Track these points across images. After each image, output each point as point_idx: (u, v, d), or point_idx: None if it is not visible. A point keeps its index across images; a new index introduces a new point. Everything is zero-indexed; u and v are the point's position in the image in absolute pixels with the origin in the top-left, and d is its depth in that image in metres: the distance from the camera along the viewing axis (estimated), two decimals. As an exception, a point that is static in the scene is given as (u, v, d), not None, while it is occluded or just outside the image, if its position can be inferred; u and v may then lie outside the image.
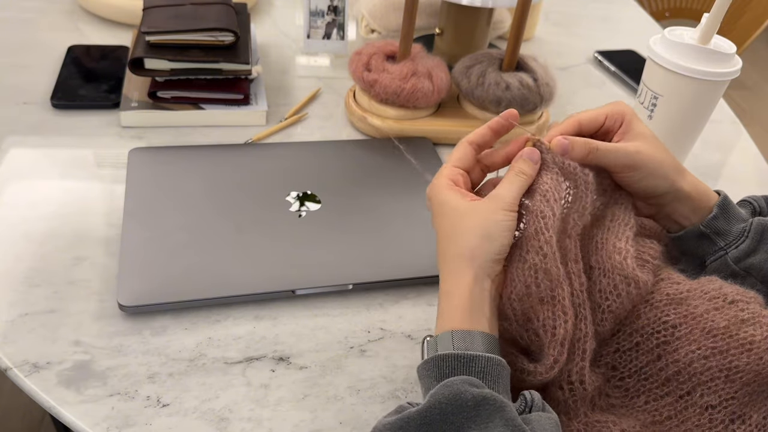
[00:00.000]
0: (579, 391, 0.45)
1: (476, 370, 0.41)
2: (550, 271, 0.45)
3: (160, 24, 0.79)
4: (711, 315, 0.46)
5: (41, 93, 0.83)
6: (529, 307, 0.46)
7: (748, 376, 0.44)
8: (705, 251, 0.53)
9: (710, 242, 0.52)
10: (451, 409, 0.39)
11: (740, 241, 0.51)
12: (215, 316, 0.58)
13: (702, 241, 0.52)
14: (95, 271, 0.60)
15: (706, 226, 0.52)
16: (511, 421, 0.38)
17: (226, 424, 0.50)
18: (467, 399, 0.39)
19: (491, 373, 0.42)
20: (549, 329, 0.45)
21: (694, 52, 0.69)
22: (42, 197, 0.68)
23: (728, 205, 0.52)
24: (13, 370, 0.51)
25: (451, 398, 0.39)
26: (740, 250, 0.51)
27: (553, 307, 0.45)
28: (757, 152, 0.92)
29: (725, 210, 0.52)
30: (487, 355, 0.42)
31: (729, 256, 0.51)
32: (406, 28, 0.79)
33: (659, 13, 1.76)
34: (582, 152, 0.49)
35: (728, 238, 0.51)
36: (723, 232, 0.52)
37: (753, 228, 0.51)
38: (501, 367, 0.43)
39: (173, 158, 0.73)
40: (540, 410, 0.41)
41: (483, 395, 0.39)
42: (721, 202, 0.52)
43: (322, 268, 0.62)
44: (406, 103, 0.81)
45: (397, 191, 0.72)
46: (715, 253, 0.52)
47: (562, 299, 0.45)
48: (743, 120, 1.02)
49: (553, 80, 0.82)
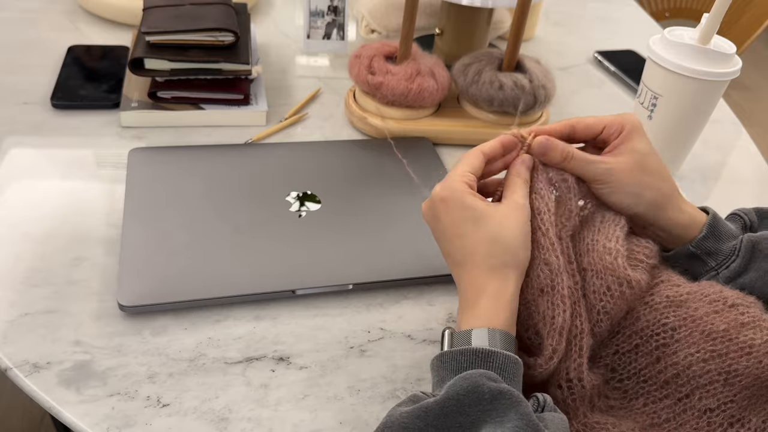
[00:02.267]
0: (578, 389, 0.46)
1: (495, 366, 0.42)
2: (549, 261, 0.46)
3: (160, 24, 0.79)
4: (711, 318, 0.46)
5: (41, 93, 0.83)
6: (531, 300, 0.47)
7: (748, 379, 0.44)
8: (696, 271, 0.52)
9: (701, 262, 0.52)
10: (468, 401, 0.39)
11: (731, 260, 0.51)
12: (215, 316, 0.58)
13: (692, 261, 0.52)
14: (95, 271, 0.60)
15: (695, 247, 0.52)
16: (526, 416, 0.38)
17: (226, 424, 0.50)
18: (484, 392, 0.39)
19: (508, 370, 0.42)
20: (548, 319, 0.46)
21: (694, 52, 0.69)
22: (42, 197, 0.68)
23: (718, 223, 0.52)
24: (13, 370, 0.51)
25: (469, 390, 0.39)
26: (731, 270, 0.51)
27: (552, 297, 0.46)
28: (757, 152, 0.92)
29: (715, 228, 0.52)
30: (505, 353, 0.43)
31: (720, 276, 0.51)
32: (406, 28, 0.79)
33: (659, 13, 1.76)
34: (558, 157, 0.51)
35: (719, 258, 0.51)
36: (713, 251, 0.51)
37: (743, 246, 0.51)
38: (517, 366, 0.43)
39: (173, 158, 0.73)
40: (552, 411, 0.42)
41: (500, 389, 0.39)
42: (710, 220, 0.52)
43: (322, 268, 0.62)
44: (413, 104, 0.81)
45: (397, 191, 0.72)
46: (707, 273, 0.52)
47: (561, 289, 0.46)
48: (743, 120, 1.02)
49: (551, 82, 0.82)
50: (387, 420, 0.40)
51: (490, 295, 0.46)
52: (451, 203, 0.49)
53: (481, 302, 0.46)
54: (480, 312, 0.46)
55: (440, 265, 0.60)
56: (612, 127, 0.51)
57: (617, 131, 0.51)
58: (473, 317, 0.46)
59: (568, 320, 0.45)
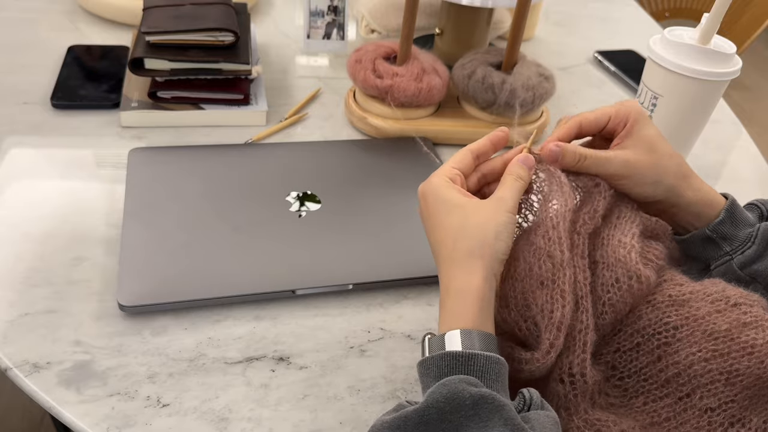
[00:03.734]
0: (580, 384, 0.45)
1: (475, 369, 0.41)
2: (553, 255, 0.46)
3: (160, 24, 0.79)
4: (713, 317, 0.46)
5: (41, 93, 0.83)
6: (530, 291, 0.46)
7: (749, 379, 0.44)
8: (710, 255, 0.52)
9: (716, 246, 0.52)
10: (449, 408, 0.38)
11: (746, 246, 0.51)
12: (215, 316, 0.58)
13: (707, 245, 0.52)
14: (95, 271, 0.60)
15: (712, 231, 0.51)
16: (510, 420, 0.38)
17: (226, 424, 0.50)
18: (465, 398, 0.39)
19: (490, 371, 0.42)
20: (546, 313, 0.45)
21: (694, 52, 0.69)
22: (42, 197, 0.68)
23: (736, 209, 0.52)
24: (13, 370, 0.51)
25: (449, 397, 0.39)
26: (746, 255, 0.50)
27: (552, 290, 0.45)
28: (757, 152, 0.92)
29: (732, 214, 0.51)
30: (486, 354, 0.42)
31: (734, 261, 0.51)
32: (406, 28, 0.79)
33: (659, 13, 1.76)
34: (571, 161, 0.51)
35: (734, 243, 0.51)
36: (729, 236, 0.51)
37: (760, 233, 0.51)
38: (500, 365, 0.42)
39: (173, 158, 0.73)
40: (539, 408, 0.41)
41: (481, 394, 0.39)
42: (728, 206, 0.52)
43: (322, 268, 0.62)
44: (423, 103, 0.81)
45: (397, 191, 0.72)
46: (721, 258, 0.52)
47: (562, 284, 0.45)
48: (743, 120, 1.02)
49: (551, 82, 0.82)
50: (371, 430, 0.40)
51: (456, 291, 0.45)
52: (429, 197, 0.49)
53: (448, 301, 0.45)
54: (449, 312, 0.45)
55: (440, 265, 0.60)
56: (617, 118, 0.51)
57: (623, 121, 0.51)
58: (445, 317, 0.45)
59: (567, 316, 0.45)
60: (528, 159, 0.51)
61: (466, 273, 0.45)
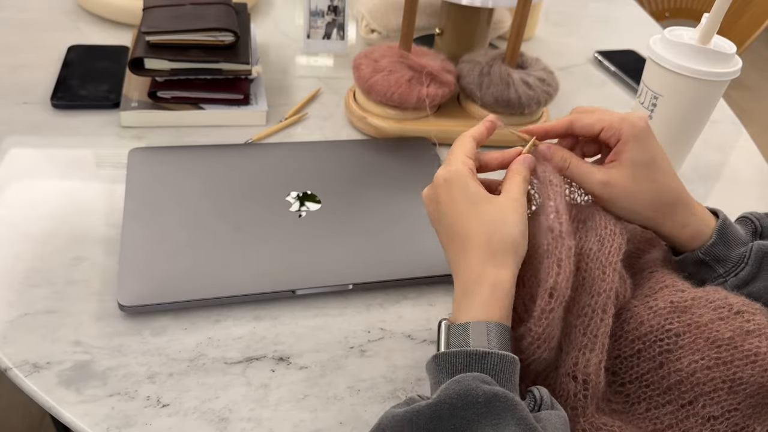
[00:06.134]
0: (593, 384, 0.45)
1: (490, 367, 0.41)
2: (552, 228, 0.46)
3: (160, 24, 0.79)
4: (716, 325, 0.45)
5: (41, 93, 0.83)
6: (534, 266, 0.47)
7: (752, 388, 0.43)
8: (704, 277, 0.51)
9: (709, 269, 0.51)
10: (461, 404, 0.39)
11: (740, 268, 0.50)
12: (215, 316, 0.58)
13: (701, 267, 0.51)
14: (95, 271, 0.60)
15: (704, 254, 0.51)
16: (522, 419, 0.38)
17: (226, 424, 0.50)
18: (478, 395, 0.39)
19: (504, 370, 0.42)
20: (542, 281, 0.45)
21: (694, 52, 0.69)
22: (42, 197, 0.68)
23: (727, 229, 0.51)
24: (13, 370, 0.51)
25: (462, 394, 0.39)
26: (740, 278, 0.50)
27: (549, 259, 0.45)
28: (757, 152, 0.92)
29: (724, 234, 0.51)
30: (500, 353, 0.42)
31: (728, 284, 0.50)
32: (406, 28, 0.79)
33: (659, 13, 1.76)
34: (559, 164, 0.51)
35: (727, 265, 0.50)
36: (722, 258, 0.50)
37: (753, 253, 0.50)
38: (513, 364, 0.43)
39: (173, 158, 0.73)
40: (549, 408, 0.41)
41: (494, 392, 0.39)
42: (719, 226, 0.51)
43: (322, 268, 0.62)
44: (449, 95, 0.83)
45: (397, 191, 0.72)
46: (715, 280, 0.51)
47: (558, 253, 0.45)
48: (743, 120, 1.02)
49: (554, 81, 0.82)
50: (380, 421, 0.40)
51: (489, 283, 0.45)
52: (454, 184, 0.48)
53: (479, 290, 0.45)
54: (478, 301, 0.45)
55: (440, 265, 0.60)
56: (611, 130, 0.50)
57: (614, 137, 0.50)
58: (471, 306, 0.45)
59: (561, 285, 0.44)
60: (528, 159, 0.51)
61: (500, 267, 0.45)
